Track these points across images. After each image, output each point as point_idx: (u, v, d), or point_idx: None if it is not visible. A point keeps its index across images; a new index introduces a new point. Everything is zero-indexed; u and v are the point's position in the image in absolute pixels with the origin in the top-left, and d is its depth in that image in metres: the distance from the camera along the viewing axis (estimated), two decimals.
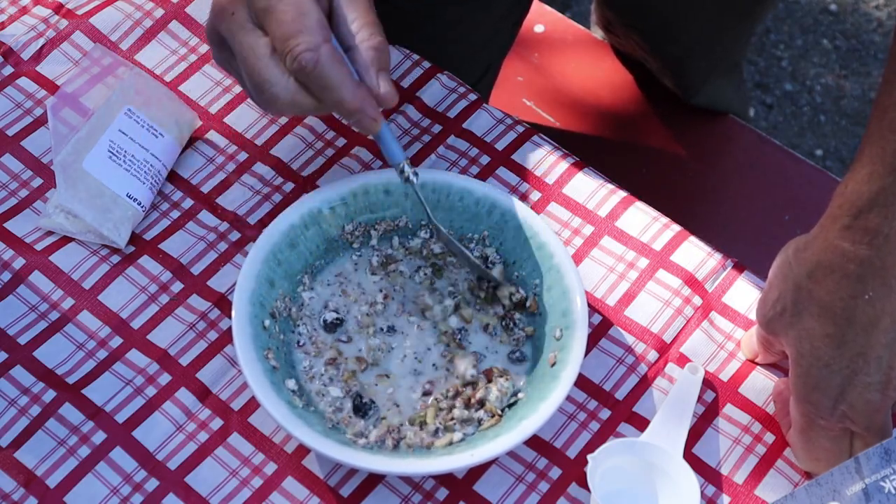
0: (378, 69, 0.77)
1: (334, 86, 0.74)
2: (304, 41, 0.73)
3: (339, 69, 0.74)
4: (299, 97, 0.75)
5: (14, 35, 0.97)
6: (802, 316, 0.76)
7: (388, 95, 0.77)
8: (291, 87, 0.74)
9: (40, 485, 0.78)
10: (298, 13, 0.73)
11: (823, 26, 2.16)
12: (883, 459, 0.70)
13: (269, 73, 0.74)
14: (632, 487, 0.79)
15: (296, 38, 0.73)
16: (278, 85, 0.74)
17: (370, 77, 0.76)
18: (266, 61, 0.74)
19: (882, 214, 0.72)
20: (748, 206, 1.34)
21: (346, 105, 0.75)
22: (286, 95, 0.75)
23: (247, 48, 0.75)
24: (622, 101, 1.43)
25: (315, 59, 0.73)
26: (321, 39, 0.73)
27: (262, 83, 0.74)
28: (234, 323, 0.78)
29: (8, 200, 0.90)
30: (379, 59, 0.77)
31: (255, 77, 0.75)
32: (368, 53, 0.76)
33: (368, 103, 0.75)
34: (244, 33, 0.75)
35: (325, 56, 0.73)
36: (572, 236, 0.90)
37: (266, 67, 0.74)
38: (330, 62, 0.73)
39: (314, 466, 0.79)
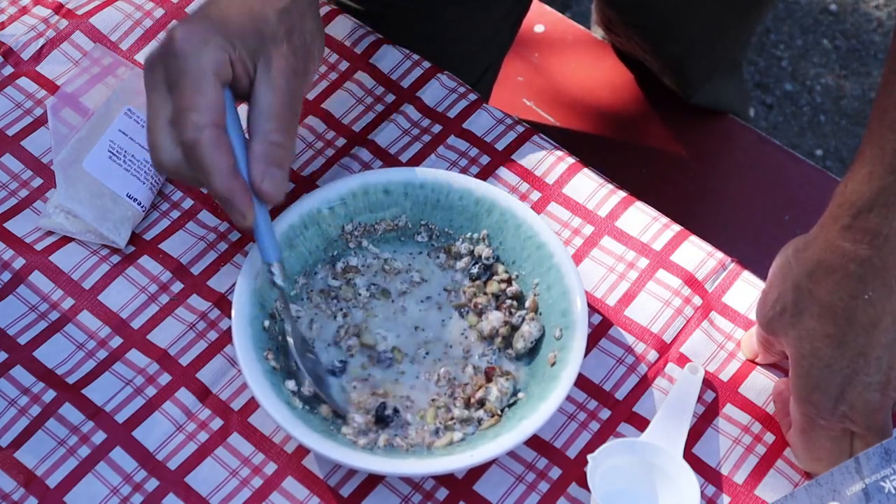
0: (269, 164, 0.76)
1: (207, 170, 0.74)
2: (191, 119, 0.73)
3: (218, 155, 0.74)
4: (182, 169, 0.75)
5: (14, 35, 0.97)
6: (802, 316, 0.76)
7: (270, 192, 0.76)
8: (176, 158, 0.75)
9: (40, 485, 0.78)
10: (195, 90, 0.74)
11: (823, 26, 2.16)
12: (883, 459, 0.70)
13: (160, 139, 0.75)
14: (632, 487, 0.79)
15: (186, 112, 0.73)
16: (165, 152, 0.75)
17: (255, 170, 0.75)
18: (162, 126, 0.75)
19: (882, 214, 0.72)
20: (748, 206, 1.34)
21: (215, 190, 0.75)
22: (171, 164, 0.75)
23: (152, 109, 0.76)
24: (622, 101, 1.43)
25: (195, 139, 0.73)
26: (208, 121, 0.73)
27: (152, 146, 0.75)
28: (234, 323, 0.78)
29: (8, 200, 0.90)
30: (274, 155, 0.76)
31: (150, 138, 0.76)
32: (265, 147, 0.75)
33: (238, 196, 0.75)
34: (155, 94, 0.76)
35: (206, 138, 0.73)
36: (572, 236, 0.90)
37: (159, 132, 0.75)
38: (209, 145, 0.73)
39: (314, 466, 0.79)
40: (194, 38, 0.75)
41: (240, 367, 0.78)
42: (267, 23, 0.77)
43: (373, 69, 0.98)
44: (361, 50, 0.99)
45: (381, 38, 0.99)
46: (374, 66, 0.98)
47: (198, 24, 0.76)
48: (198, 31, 0.75)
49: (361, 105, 0.96)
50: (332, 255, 0.86)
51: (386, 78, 0.97)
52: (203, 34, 0.75)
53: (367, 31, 1.00)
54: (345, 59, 0.98)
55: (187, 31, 0.75)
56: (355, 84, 0.97)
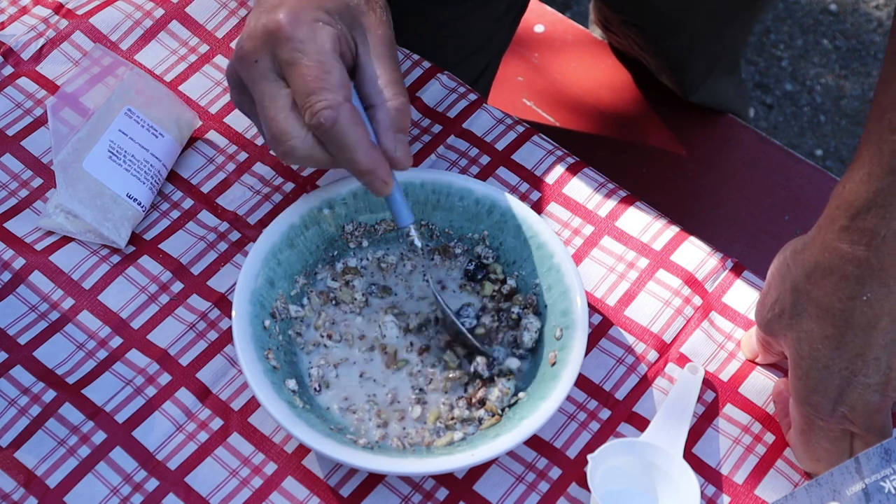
0: (396, 131, 0.77)
1: (349, 146, 0.74)
2: (325, 99, 0.73)
3: (356, 130, 0.74)
4: (316, 152, 0.75)
5: (14, 35, 0.97)
6: (801, 317, 0.76)
7: (403, 159, 0.77)
8: (309, 142, 0.75)
9: (40, 485, 0.78)
10: (322, 70, 0.73)
11: (823, 26, 2.16)
12: (883, 459, 0.70)
13: (288, 125, 0.74)
14: (632, 487, 0.79)
15: (317, 94, 0.73)
16: (297, 138, 0.75)
17: (387, 139, 0.77)
18: (286, 113, 0.74)
19: (880, 215, 0.72)
20: (748, 206, 1.34)
21: (359, 166, 0.75)
22: (304, 149, 0.75)
23: (268, 98, 0.75)
24: (622, 102, 1.43)
25: (333, 118, 0.73)
26: (342, 98, 0.74)
27: (280, 134, 0.75)
28: (234, 323, 0.78)
29: (8, 200, 0.90)
30: (399, 120, 0.77)
31: (274, 128, 0.75)
32: (389, 115, 0.77)
33: (381, 166, 0.76)
34: (266, 83, 0.75)
35: (343, 116, 0.73)
36: (572, 236, 0.90)
37: (286, 119, 0.74)
38: (348, 122, 0.73)
39: (314, 466, 0.79)
40: (303, 19, 0.74)
41: (240, 367, 0.78)
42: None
43: None
44: None
45: None
46: None
47: (298, 4, 0.75)
48: (302, 10, 0.75)
49: None
50: (333, 255, 0.86)
51: None
52: (310, 13, 0.75)
53: None
54: None
55: (292, 13, 0.75)
56: None
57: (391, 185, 0.77)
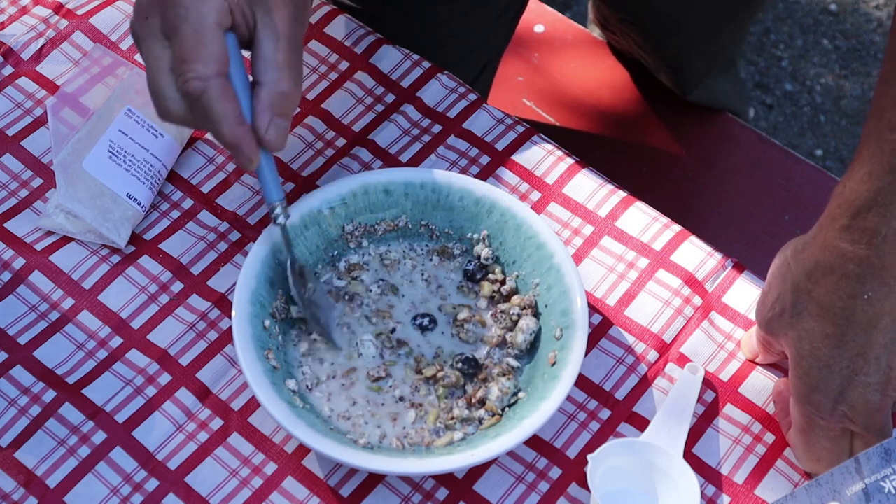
0: (276, 114, 0.76)
1: (213, 119, 0.74)
2: (194, 70, 0.73)
3: (224, 104, 0.74)
4: (189, 116, 0.76)
5: (14, 35, 0.97)
6: (802, 316, 0.76)
7: (274, 141, 0.77)
8: (181, 106, 0.75)
9: (40, 485, 0.78)
10: (198, 41, 0.73)
11: (823, 26, 2.16)
12: (883, 459, 0.70)
13: (164, 86, 0.75)
14: (632, 487, 0.79)
15: (188, 64, 0.73)
16: (171, 99, 0.75)
17: (261, 119, 0.76)
18: (164, 74, 0.75)
19: (880, 214, 0.72)
20: (748, 206, 1.34)
21: (223, 138, 0.75)
22: (177, 111, 0.75)
23: (152, 57, 0.75)
24: (623, 102, 1.43)
25: (200, 90, 0.73)
26: (212, 72, 0.73)
27: (156, 93, 0.75)
28: (234, 323, 0.78)
29: (8, 200, 0.90)
30: (279, 103, 0.76)
31: (153, 85, 0.75)
32: (270, 97, 0.76)
33: (246, 142, 0.75)
34: (153, 40, 0.75)
35: (211, 89, 0.73)
36: (572, 236, 0.90)
37: (164, 80, 0.75)
38: (216, 96, 0.74)
39: (314, 466, 0.79)
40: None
41: (240, 367, 0.78)
42: None
43: (373, 69, 0.98)
44: (361, 50, 0.99)
45: (381, 38, 0.99)
46: (374, 66, 0.98)
47: None
48: None
49: (361, 105, 0.96)
50: (333, 255, 0.86)
51: (386, 78, 0.97)
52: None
53: (366, 31, 1.00)
54: (345, 59, 0.98)
55: None
56: (355, 84, 0.97)
57: (256, 162, 0.77)
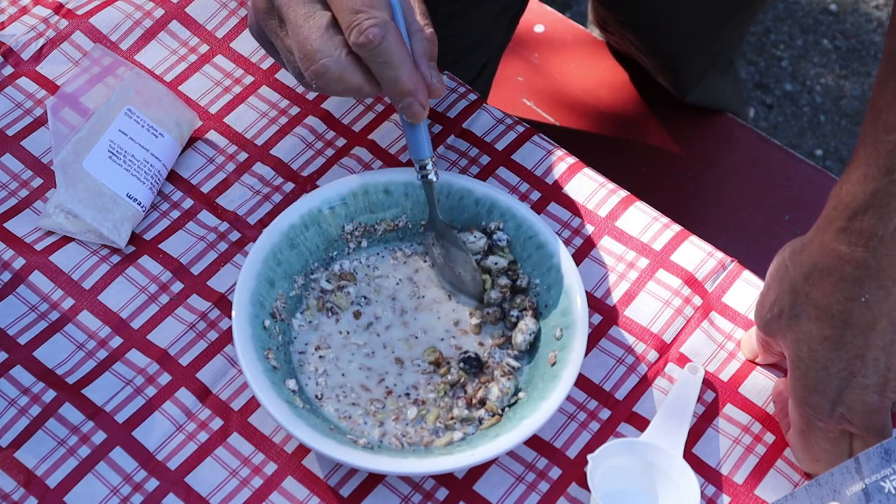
0: (430, 59, 0.78)
1: (396, 64, 0.74)
2: (373, 16, 0.73)
3: (402, 49, 0.75)
4: (348, 73, 0.75)
5: (14, 35, 0.97)
6: (800, 318, 0.76)
7: (438, 86, 0.78)
8: (342, 62, 0.74)
9: (40, 485, 0.78)
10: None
11: (823, 26, 2.16)
12: (883, 459, 0.70)
13: (322, 44, 0.74)
14: (632, 487, 0.79)
15: (365, 12, 0.73)
16: (331, 57, 0.74)
17: (424, 65, 0.77)
18: (321, 32, 0.74)
19: (877, 216, 0.72)
20: (748, 206, 1.34)
21: (403, 85, 0.75)
22: (336, 69, 0.74)
23: (302, 17, 0.74)
24: (623, 102, 1.43)
25: (382, 35, 0.73)
26: (388, 16, 0.74)
27: (313, 53, 0.74)
28: (234, 323, 0.78)
29: (8, 200, 0.90)
30: (432, 49, 0.78)
31: (308, 46, 0.74)
32: (423, 43, 0.77)
33: (421, 89, 0.76)
34: (302, 3, 0.75)
35: (391, 34, 0.74)
36: (572, 236, 0.90)
37: (321, 38, 0.74)
38: (395, 40, 0.74)
39: (314, 466, 0.79)
40: None
41: (240, 367, 0.78)
42: None
43: None
44: None
45: None
46: None
47: None
48: None
49: (361, 105, 0.96)
50: (332, 255, 0.86)
51: None
52: None
53: None
54: None
55: None
56: None
57: (427, 110, 0.78)
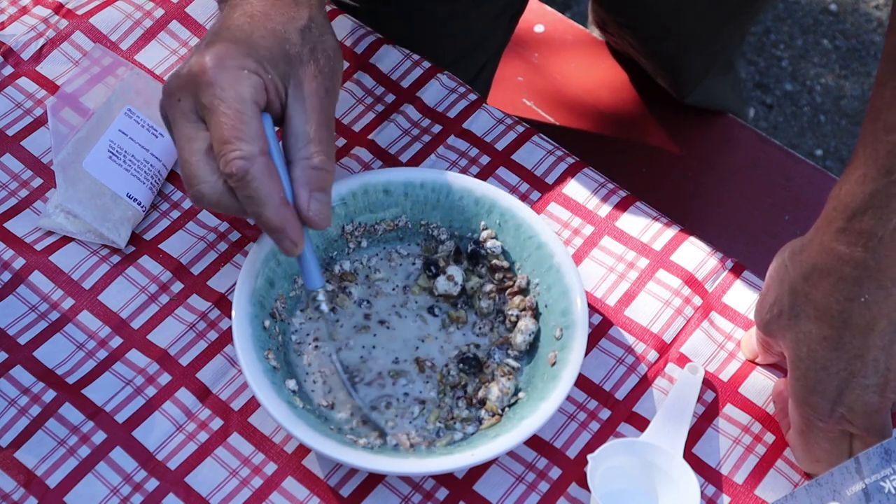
0: (314, 189, 0.75)
1: (259, 200, 0.72)
2: (239, 149, 0.71)
3: (268, 184, 0.72)
4: (225, 199, 0.74)
5: (14, 35, 0.97)
6: (799, 319, 0.76)
7: (317, 218, 0.75)
8: (219, 188, 0.73)
9: (40, 485, 0.78)
10: (239, 119, 0.72)
11: (823, 26, 2.16)
12: (883, 459, 0.70)
13: (199, 170, 0.73)
14: (632, 487, 0.79)
15: (232, 144, 0.71)
16: (206, 183, 0.73)
17: (302, 197, 0.74)
18: (199, 157, 0.73)
19: (876, 216, 0.72)
20: (748, 206, 1.34)
21: (268, 223, 0.73)
22: (212, 195, 0.73)
23: (184, 139, 0.73)
24: (623, 102, 1.43)
25: (245, 169, 0.71)
26: (257, 150, 0.72)
27: (191, 177, 0.73)
28: (234, 323, 0.78)
29: (8, 200, 0.90)
30: (318, 179, 0.75)
31: (187, 170, 0.73)
32: (307, 172, 0.74)
33: (291, 225, 0.73)
34: (185, 123, 0.74)
35: (256, 168, 0.71)
36: (572, 236, 0.90)
37: (198, 163, 0.73)
38: (261, 175, 0.72)
39: (314, 466, 0.79)
40: (228, 65, 0.73)
41: (240, 367, 0.78)
42: (292, 44, 0.76)
43: (373, 69, 0.98)
44: (361, 50, 0.99)
45: (382, 38, 0.99)
46: (374, 66, 0.98)
47: (227, 49, 0.73)
48: (229, 56, 0.73)
49: (361, 105, 0.96)
50: (332, 255, 0.86)
51: (386, 78, 0.97)
52: (236, 60, 0.73)
53: (367, 31, 1.00)
54: (345, 59, 0.98)
55: (217, 58, 0.73)
56: (355, 84, 0.97)
57: (301, 247, 0.75)
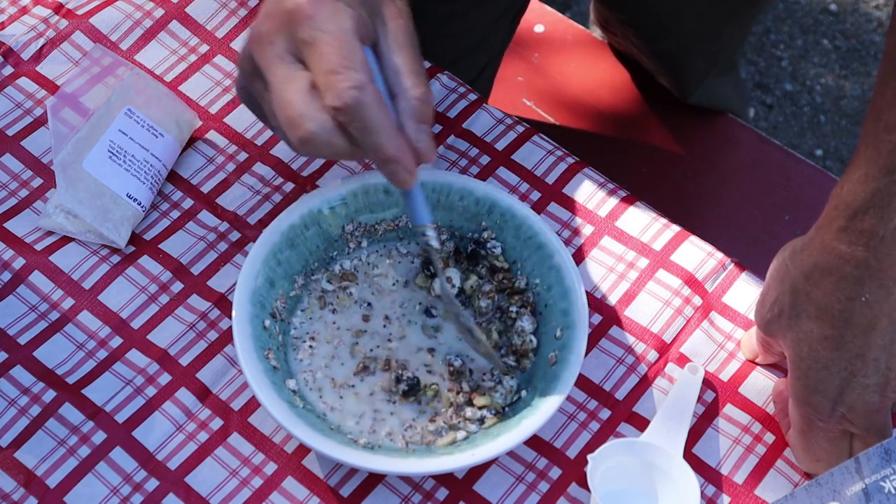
0: (418, 121, 0.72)
1: (375, 129, 0.69)
2: (350, 78, 0.68)
3: (383, 112, 0.69)
4: (335, 138, 0.69)
5: (14, 35, 0.97)
6: (800, 318, 0.76)
7: (427, 150, 0.72)
8: (328, 126, 0.69)
9: (40, 485, 0.78)
10: (345, 49, 0.69)
11: (823, 26, 2.16)
12: (883, 459, 0.70)
13: (305, 108, 0.69)
14: (632, 487, 0.79)
15: (341, 73, 0.68)
16: (315, 121, 0.69)
17: (411, 128, 0.72)
18: (304, 95, 0.69)
19: (877, 216, 0.72)
20: (748, 206, 1.35)
21: (385, 151, 0.70)
22: (322, 134, 0.69)
23: (283, 80, 0.70)
24: (623, 102, 1.43)
25: (359, 98, 0.68)
26: (367, 78, 0.69)
27: (296, 118, 0.69)
28: (234, 323, 0.78)
29: (8, 200, 0.90)
30: (421, 110, 0.72)
31: (290, 111, 0.70)
32: (411, 104, 0.72)
33: (406, 155, 0.71)
34: (282, 65, 0.70)
35: (369, 96, 0.68)
36: (572, 236, 0.90)
37: (303, 102, 0.69)
38: (374, 103, 0.68)
39: (314, 466, 0.80)
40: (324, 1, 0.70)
41: (240, 367, 0.78)
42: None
43: None
44: None
45: None
46: None
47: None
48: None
49: None
50: (332, 255, 0.86)
51: None
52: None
53: None
54: None
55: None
56: None
57: (415, 176, 0.72)
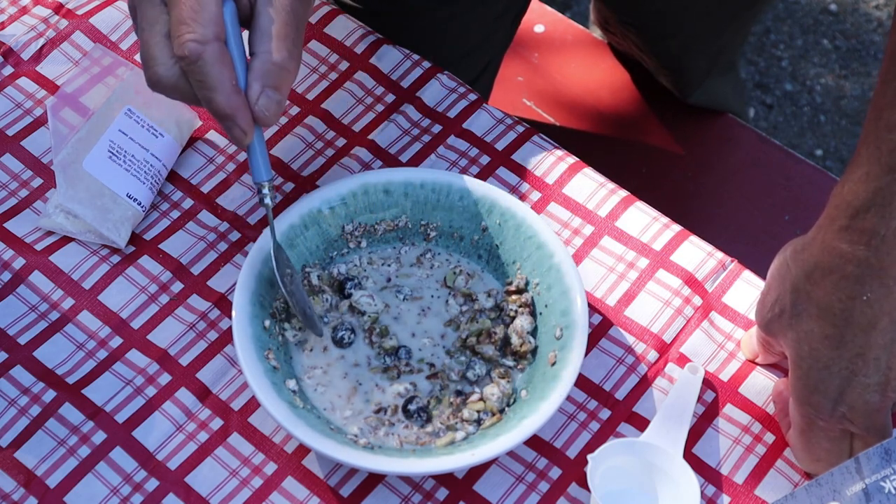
0: (267, 85, 0.74)
1: (210, 84, 0.72)
2: (194, 30, 0.71)
3: (220, 70, 0.72)
4: (181, 83, 0.73)
5: (14, 35, 0.97)
6: (801, 317, 0.76)
7: (265, 113, 0.74)
8: (174, 73, 0.72)
9: (40, 485, 0.78)
10: (198, 4, 0.71)
11: (823, 26, 2.16)
12: (883, 459, 0.70)
13: (157, 51, 0.73)
14: (632, 487, 0.79)
15: (187, 25, 0.71)
16: (163, 66, 0.72)
17: (254, 88, 0.73)
18: (159, 39, 0.73)
19: (879, 215, 0.72)
20: (748, 206, 1.34)
21: (217, 107, 0.73)
22: (168, 78, 0.73)
23: (146, 21, 0.73)
24: (623, 102, 1.43)
25: (198, 53, 0.71)
26: (211, 35, 0.71)
27: (149, 59, 0.73)
28: (234, 323, 0.78)
29: (8, 200, 0.90)
30: (273, 74, 0.73)
31: (145, 52, 0.73)
32: (265, 66, 0.74)
33: (241, 113, 0.73)
34: (149, 7, 0.73)
35: (209, 52, 0.71)
36: (572, 236, 0.90)
37: (157, 45, 0.73)
38: (213, 60, 0.71)
39: (314, 466, 0.80)
40: None
41: (240, 367, 0.78)
42: None
43: (373, 69, 0.98)
44: (361, 50, 0.99)
45: (382, 38, 0.99)
46: (374, 66, 0.98)
47: None
48: None
49: (361, 105, 0.96)
50: (332, 255, 0.86)
51: (386, 78, 0.97)
52: None
53: (367, 31, 1.00)
54: (345, 59, 0.98)
55: None
56: (355, 84, 0.97)
57: (250, 137, 0.74)
